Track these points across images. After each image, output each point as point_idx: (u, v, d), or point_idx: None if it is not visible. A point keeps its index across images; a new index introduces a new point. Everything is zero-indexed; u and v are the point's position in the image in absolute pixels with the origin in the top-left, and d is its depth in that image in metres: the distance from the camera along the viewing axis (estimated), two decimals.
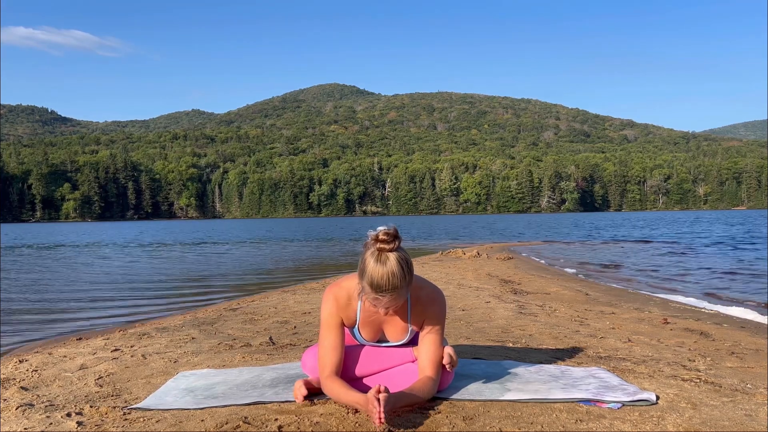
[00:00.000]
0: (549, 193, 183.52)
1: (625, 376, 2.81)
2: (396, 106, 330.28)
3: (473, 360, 3.11)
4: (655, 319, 5.22)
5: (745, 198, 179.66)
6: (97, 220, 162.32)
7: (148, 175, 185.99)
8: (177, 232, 47.53)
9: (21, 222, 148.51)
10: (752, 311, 6.20)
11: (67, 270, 13.34)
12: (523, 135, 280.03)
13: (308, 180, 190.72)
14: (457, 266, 10.98)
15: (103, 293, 8.86)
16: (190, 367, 3.15)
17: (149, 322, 5.55)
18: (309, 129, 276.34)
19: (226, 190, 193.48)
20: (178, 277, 11.41)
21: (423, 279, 2.46)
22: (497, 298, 6.28)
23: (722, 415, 2.25)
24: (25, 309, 7.18)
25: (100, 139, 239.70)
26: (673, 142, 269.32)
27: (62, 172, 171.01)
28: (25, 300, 8.07)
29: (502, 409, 2.28)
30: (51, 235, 43.79)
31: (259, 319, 5.04)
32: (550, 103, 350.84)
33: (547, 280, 9.02)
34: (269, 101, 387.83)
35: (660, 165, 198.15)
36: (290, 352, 3.52)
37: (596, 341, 3.92)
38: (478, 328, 4.39)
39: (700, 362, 3.33)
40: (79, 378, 2.99)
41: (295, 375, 2.76)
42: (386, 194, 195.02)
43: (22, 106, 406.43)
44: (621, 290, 8.19)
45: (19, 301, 7.98)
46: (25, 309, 7.17)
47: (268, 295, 7.33)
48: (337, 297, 2.40)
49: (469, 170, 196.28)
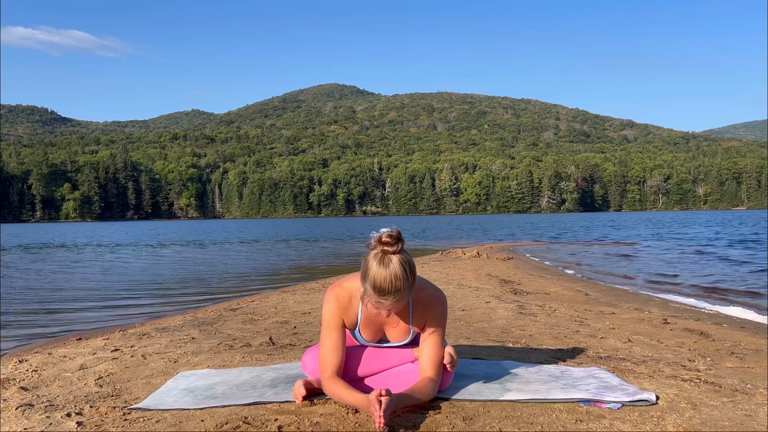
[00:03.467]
0: (549, 194, 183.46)
1: (625, 377, 2.81)
2: (396, 106, 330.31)
3: (473, 360, 3.11)
4: (655, 319, 5.22)
5: (744, 198, 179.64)
6: (97, 220, 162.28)
7: (148, 175, 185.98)
8: (177, 232, 47.52)
9: (21, 222, 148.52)
10: (752, 311, 6.21)
11: (67, 270, 13.34)
12: (523, 135, 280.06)
13: (308, 180, 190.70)
14: (457, 266, 10.98)
15: (103, 293, 8.87)
16: (190, 367, 3.15)
17: (149, 322, 5.55)
18: (309, 129, 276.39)
19: (226, 190, 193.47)
20: (178, 277, 11.41)
21: (424, 280, 2.46)
22: (497, 298, 6.28)
23: (722, 415, 2.25)
24: (25, 309, 7.18)
25: (100, 139, 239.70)
26: (673, 142, 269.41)
27: (62, 172, 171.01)
28: (25, 300, 8.07)
29: (502, 409, 2.28)
30: (51, 235, 43.78)
31: (259, 319, 5.04)
32: (549, 104, 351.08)
33: (547, 280, 9.02)
34: (269, 101, 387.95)
35: (660, 165, 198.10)
36: (290, 352, 3.52)
37: (596, 341, 3.92)
38: (478, 328, 4.39)
39: (700, 362, 3.33)
40: (79, 378, 2.99)
41: (295, 375, 2.76)
42: (386, 194, 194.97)
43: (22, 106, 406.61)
44: (621, 290, 8.19)
45: (19, 301, 7.98)
46: (25, 309, 7.18)
47: (268, 295, 7.33)
48: (339, 297, 2.40)
49: (469, 170, 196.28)
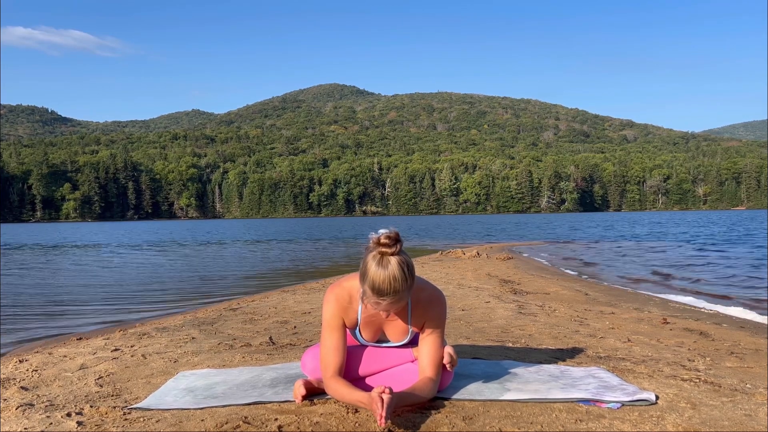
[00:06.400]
0: (548, 194, 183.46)
1: (625, 376, 2.81)
2: (396, 106, 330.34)
3: (473, 360, 3.11)
4: (654, 319, 5.22)
5: (744, 198, 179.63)
6: (98, 220, 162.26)
7: (148, 175, 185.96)
8: (177, 232, 47.52)
9: (21, 222, 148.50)
10: (752, 311, 6.20)
11: (67, 270, 13.34)
12: (523, 135, 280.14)
13: (308, 180, 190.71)
14: (457, 266, 10.98)
15: (104, 293, 8.86)
16: (190, 367, 3.15)
17: (149, 322, 5.55)
18: (309, 129, 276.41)
19: (226, 190, 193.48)
20: (178, 276, 11.40)
21: (423, 280, 2.46)
22: (497, 298, 6.28)
23: (722, 415, 2.25)
24: (26, 309, 7.18)
25: (100, 139, 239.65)
26: (673, 142, 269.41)
27: (62, 172, 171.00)
28: (26, 300, 8.06)
29: (502, 409, 2.29)
30: (51, 235, 43.78)
31: (259, 319, 5.04)
32: (549, 104, 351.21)
33: (547, 280, 9.02)
34: (269, 101, 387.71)
35: (659, 165, 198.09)
36: (290, 352, 3.52)
37: (596, 341, 3.92)
38: (478, 328, 4.39)
39: (699, 362, 3.33)
40: (79, 378, 2.99)
41: (295, 375, 2.76)
42: (386, 194, 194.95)
43: (22, 106, 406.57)
44: (621, 290, 8.19)
45: (20, 301, 7.98)
46: (25, 309, 7.17)
47: (268, 295, 7.33)
48: (339, 297, 2.40)
49: (468, 170, 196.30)
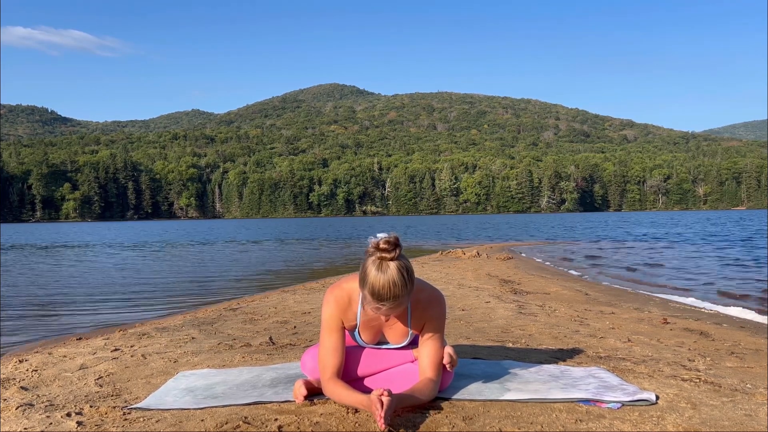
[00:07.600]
0: (549, 193, 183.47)
1: (625, 376, 2.81)
2: (396, 106, 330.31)
3: (473, 360, 3.11)
4: (654, 319, 5.22)
5: (744, 198, 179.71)
6: (97, 220, 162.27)
7: (148, 175, 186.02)
8: (177, 232, 47.52)
9: (21, 222, 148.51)
10: (752, 311, 6.20)
11: (66, 270, 13.34)
12: (523, 135, 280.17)
13: (308, 180, 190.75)
14: (457, 266, 10.98)
15: (103, 293, 8.86)
16: (190, 367, 3.15)
17: (149, 322, 5.55)
18: (309, 129, 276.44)
19: (226, 190, 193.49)
20: (178, 276, 11.40)
21: (423, 281, 2.45)
22: (497, 298, 6.28)
23: (722, 415, 2.25)
24: (25, 309, 7.18)
25: (100, 139, 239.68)
26: (673, 142, 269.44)
27: (62, 172, 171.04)
28: (25, 300, 8.06)
29: (502, 409, 2.29)
30: (51, 235, 43.78)
31: (259, 319, 5.04)
32: (549, 103, 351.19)
33: (547, 280, 9.02)
34: (269, 101, 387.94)
35: (660, 165, 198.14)
36: (290, 352, 3.52)
37: (596, 341, 3.92)
38: (478, 328, 4.39)
39: (699, 362, 3.33)
40: (79, 378, 2.99)
41: (295, 375, 2.76)
42: (386, 194, 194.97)
43: (22, 106, 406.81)
44: (621, 290, 8.19)
45: (19, 301, 7.97)
46: (25, 309, 7.17)
47: (268, 295, 7.33)
48: (338, 299, 2.40)
49: (468, 170, 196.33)
